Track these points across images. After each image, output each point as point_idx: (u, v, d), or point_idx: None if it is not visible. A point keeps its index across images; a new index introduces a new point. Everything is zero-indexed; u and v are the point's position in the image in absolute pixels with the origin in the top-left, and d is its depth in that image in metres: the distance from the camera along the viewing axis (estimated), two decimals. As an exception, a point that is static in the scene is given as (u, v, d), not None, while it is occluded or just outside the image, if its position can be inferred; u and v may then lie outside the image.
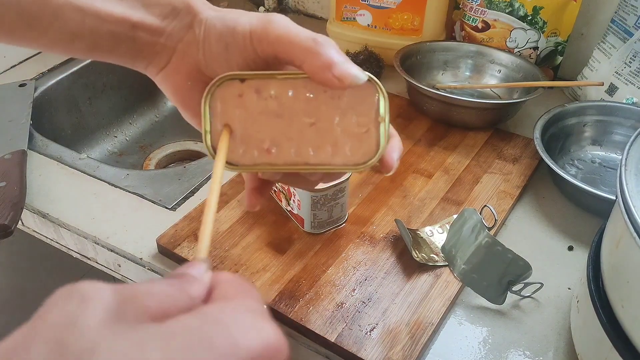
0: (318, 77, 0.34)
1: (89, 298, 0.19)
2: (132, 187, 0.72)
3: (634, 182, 0.42)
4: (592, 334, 0.47)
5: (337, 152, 0.36)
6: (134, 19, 0.37)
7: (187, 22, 0.38)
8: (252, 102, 0.36)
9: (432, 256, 0.61)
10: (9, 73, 0.94)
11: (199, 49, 0.38)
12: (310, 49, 0.33)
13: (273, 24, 0.35)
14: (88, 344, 0.18)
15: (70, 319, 0.18)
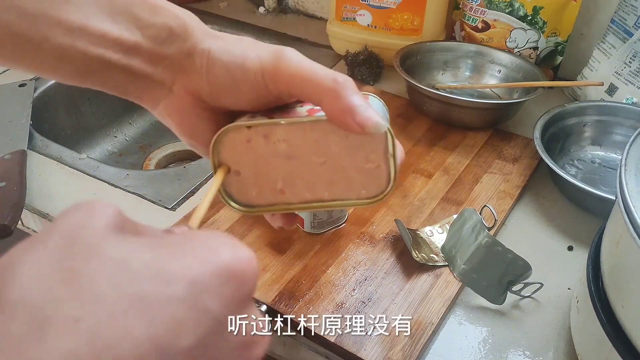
0: (337, 120, 0.33)
1: (97, 210, 0.23)
2: (132, 187, 0.72)
3: (634, 182, 0.42)
4: (592, 334, 0.47)
5: (350, 187, 0.36)
6: (129, 43, 0.34)
7: (186, 49, 0.36)
8: (261, 147, 0.36)
9: (432, 256, 0.61)
10: (9, 73, 0.94)
11: (202, 80, 0.36)
12: (331, 90, 0.32)
13: (285, 61, 0.34)
14: (94, 240, 0.22)
15: (82, 222, 0.23)
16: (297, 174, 0.36)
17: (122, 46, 0.34)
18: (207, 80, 0.36)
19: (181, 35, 0.35)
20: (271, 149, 0.36)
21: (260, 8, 1.14)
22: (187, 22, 0.36)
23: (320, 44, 1.02)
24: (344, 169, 0.36)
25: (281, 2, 1.15)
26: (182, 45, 0.36)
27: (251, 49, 0.35)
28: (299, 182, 0.37)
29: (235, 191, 0.38)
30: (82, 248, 0.22)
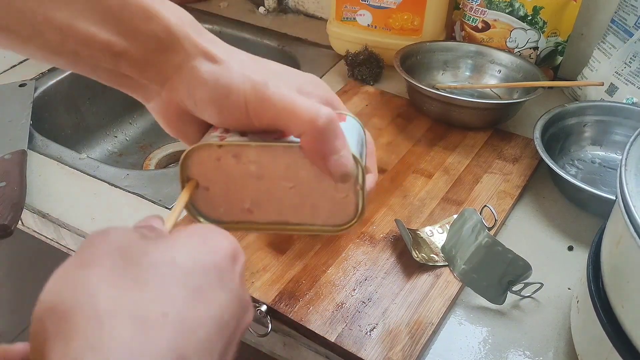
0: (311, 158, 0.34)
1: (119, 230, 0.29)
2: (132, 187, 0.72)
3: (634, 182, 0.42)
4: (592, 334, 0.47)
5: (316, 214, 0.37)
6: (117, 48, 0.34)
7: (174, 62, 0.36)
8: (231, 166, 0.36)
9: (432, 256, 0.61)
10: (9, 73, 0.94)
11: (188, 98, 0.36)
12: (310, 128, 0.33)
13: (269, 97, 0.34)
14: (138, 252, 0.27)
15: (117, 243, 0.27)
16: (265, 195, 0.37)
17: (110, 51, 0.34)
18: (193, 100, 0.36)
19: (169, 47, 0.35)
20: (241, 169, 0.36)
21: (260, 8, 1.14)
22: (178, 32, 0.35)
23: (320, 44, 1.02)
24: (312, 196, 0.36)
25: (281, 2, 1.15)
26: (171, 58, 0.35)
27: (238, 76, 0.35)
28: (266, 204, 0.37)
29: (203, 206, 0.38)
30: (134, 261, 0.26)
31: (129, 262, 0.26)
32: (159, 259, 0.27)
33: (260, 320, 0.56)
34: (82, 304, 0.24)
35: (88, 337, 0.23)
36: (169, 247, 0.28)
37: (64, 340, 0.23)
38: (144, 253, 0.27)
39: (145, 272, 0.26)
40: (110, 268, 0.26)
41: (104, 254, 0.26)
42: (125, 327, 0.23)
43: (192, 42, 0.35)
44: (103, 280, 0.25)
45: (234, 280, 0.29)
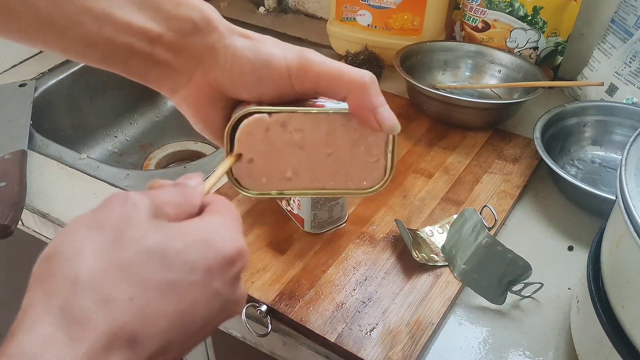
0: (359, 114, 0.37)
1: (136, 203, 0.30)
2: (132, 187, 0.72)
3: (634, 182, 0.42)
4: (592, 334, 0.47)
5: (350, 178, 0.39)
6: (153, 33, 0.36)
7: (209, 43, 0.37)
8: (278, 135, 0.37)
9: (432, 256, 0.61)
10: (9, 73, 0.94)
11: (224, 75, 0.38)
12: (359, 86, 0.36)
13: (311, 62, 0.36)
14: (139, 232, 0.28)
15: (126, 216, 0.29)
16: (305, 163, 0.38)
17: (146, 35, 0.36)
18: (230, 75, 0.38)
19: (204, 29, 0.37)
20: (286, 138, 0.38)
21: (260, 8, 1.14)
22: (210, 16, 0.37)
23: (320, 44, 1.02)
24: (347, 161, 0.38)
25: (281, 2, 1.15)
26: (205, 39, 0.37)
27: (276, 48, 0.37)
28: (306, 171, 0.39)
29: (245, 176, 0.39)
30: (131, 241, 0.28)
31: (124, 241, 0.28)
32: (150, 247, 0.28)
33: (260, 320, 0.56)
34: (66, 262, 0.27)
35: (53, 293, 0.26)
36: (168, 237, 0.29)
37: (39, 285, 0.27)
38: (142, 237, 0.28)
39: (134, 255, 0.28)
40: (106, 242, 0.28)
41: (110, 223, 0.29)
42: (87, 298, 0.26)
43: (224, 24, 0.38)
44: (94, 250, 0.27)
45: (223, 282, 0.30)
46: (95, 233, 0.28)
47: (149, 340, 0.27)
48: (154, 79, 0.39)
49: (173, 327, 0.28)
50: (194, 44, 0.37)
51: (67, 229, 0.29)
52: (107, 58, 0.37)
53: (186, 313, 0.29)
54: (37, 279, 0.27)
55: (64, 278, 0.26)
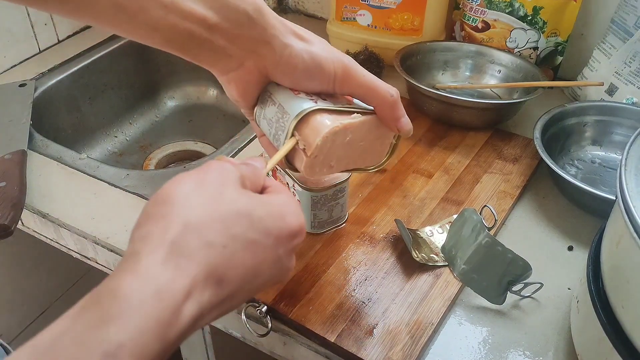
0: (385, 120, 0.47)
1: (230, 171, 0.37)
2: (132, 187, 0.72)
3: (634, 182, 0.42)
4: (592, 334, 0.47)
5: (369, 159, 0.50)
6: (212, 21, 0.41)
7: (264, 36, 0.42)
8: (341, 138, 0.45)
9: (432, 256, 0.61)
10: (9, 73, 0.94)
11: (277, 67, 0.44)
12: (387, 102, 0.46)
13: (354, 73, 0.45)
14: (233, 195, 0.36)
15: (223, 180, 0.36)
16: (346, 153, 0.47)
17: (205, 24, 0.41)
18: (283, 68, 0.44)
19: (258, 22, 0.42)
20: (344, 138, 0.46)
21: (260, 8, 1.14)
22: (262, 9, 0.42)
23: (320, 44, 1.02)
24: (370, 149, 0.49)
25: (281, 2, 1.15)
26: (260, 33, 0.42)
27: (326, 52, 0.44)
28: (344, 159, 0.48)
29: (297, 162, 0.47)
30: (227, 201, 0.35)
31: (223, 200, 0.35)
32: (241, 209, 0.35)
33: (260, 320, 0.56)
34: (178, 207, 0.34)
35: (167, 230, 0.33)
36: (253, 204, 0.36)
37: (154, 222, 0.33)
38: (236, 199, 0.36)
39: (229, 212, 0.35)
40: (210, 196, 0.35)
41: (211, 183, 0.36)
42: (195, 238, 0.33)
43: (276, 18, 0.43)
44: (200, 202, 0.34)
45: (285, 250, 0.38)
46: (200, 188, 0.35)
47: (229, 283, 0.34)
48: (207, 61, 0.44)
49: (245, 277, 0.35)
50: (248, 35, 0.42)
51: (176, 181, 0.36)
52: (169, 41, 0.41)
53: (256, 268, 0.36)
54: (151, 217, 0.34)
55: (177, 219, 0.33)
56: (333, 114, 0.45)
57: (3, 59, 0.93)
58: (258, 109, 0.49)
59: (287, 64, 0.44)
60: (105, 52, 0.99)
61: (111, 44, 1.01)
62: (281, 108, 0.46)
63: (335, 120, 0.44)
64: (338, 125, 0.44)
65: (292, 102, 0.45)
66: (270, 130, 0.48)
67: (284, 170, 0.61)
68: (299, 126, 0.45)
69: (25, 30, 0.94)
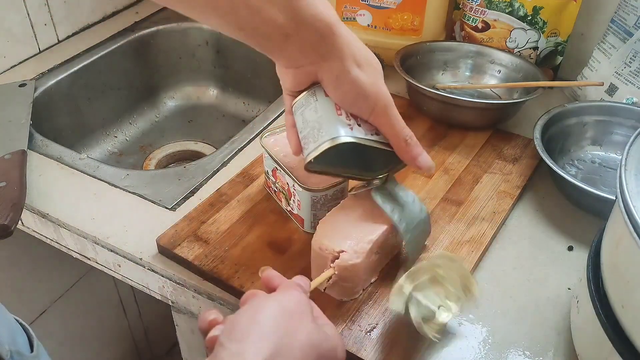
0: (404, 159, 0.53)
1: (305, 301, 0.44)
2: (132, 187, 0.72)
3: (634, 182, 0.42)
4: (592, 334, 0.47)
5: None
6: (288, 32, 0.46)
7: (327, 56, 0.48)
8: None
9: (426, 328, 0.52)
10: (9, 73, 0.94)
11: (329, 84, 0.50)
12: (403, 148, 0.52)
13: (387, 112, 0.51)
14: (302, 319, 0.42)
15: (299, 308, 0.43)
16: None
17: (282, 32, 0.46)
18: (333, 86, 0.50)
19: (328, 44, 0.47)
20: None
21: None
22: (335, 32, 0.47)
23: (320, 44, 1.02)
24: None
25: (281, 2, 1.15)
26: (326, 51, 0.47)
27: (374, 88, 0.50)
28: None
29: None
30: (306, 332, 0.41)
31: (302, 329, 0.41)
32: (315, 341, 0.41)
33: (260, 321, 0.56)
34: (265, 328, 0.39)
35: (258, 349, 0.38)
36: (321, 338, 0.42)
37: (245, 339, 0.38)
38: (311, 331, 0.41)
39: (306, 343, 0.40)
40: (284, 313, 0.41)
41: (295, 313, 0.42)
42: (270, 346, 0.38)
43: (346, 42, 0.48)
44: (286, 330, 0.40)
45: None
46: (284, 314, 0.41)
47: None
48: (274, 57, 0.50)
49: None
50: (316, 50, 0.47)
51: (262, 305, 0.41)
52: (248, 38, 0.47)
53: None
54: (244, 335, 0.38)
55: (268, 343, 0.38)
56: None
57: (3, 59, 0.93)
58: (299, 103, 0.53)
59: (338, 85, 0.49)
60: (105, 52, 0.99)
61: (111, 44, 1.01)
62: (320, 120, 0.51)
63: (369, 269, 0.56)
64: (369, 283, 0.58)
65: (332, 120, 0.50)
66: (303, 130, 0.52)
67: (284, 170, 0.61)
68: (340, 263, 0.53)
69: (25, 30, 0.94)
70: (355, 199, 0.59)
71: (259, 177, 0.71)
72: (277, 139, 0.66)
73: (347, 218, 0.58)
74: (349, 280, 0.55)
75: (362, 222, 0.57)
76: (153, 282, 0.65)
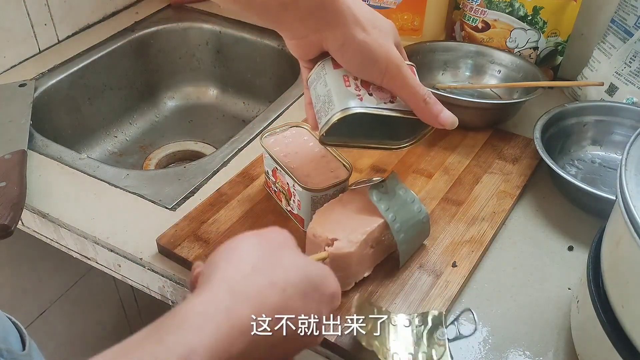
0: (425, 119, 0.51)
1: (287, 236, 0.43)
2: (132, 187, 0.72)
3: (634, 182, 0.42)
4: (592, 334, 0.47)
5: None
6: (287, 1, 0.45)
7: (330, 22, 0.47)
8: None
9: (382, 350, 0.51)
10: (9, 73, 0.94)
11: (335, 52, 0.49)
12: (421, 107, 0.50)
13: (400, 73, 0.49)
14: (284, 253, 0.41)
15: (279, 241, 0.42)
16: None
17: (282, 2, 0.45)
18: (340, 53, 0.49)
19: (329, 10, 0.46)
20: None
21: (260, 8, 1.14)
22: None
23: (320, 44, 1.02)
24: None
25: (281, 2, 1.14)
26: (328, 18, 0.47)
27: (383, 49, 0.48)
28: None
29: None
30: (287, 254, 0.41)
31: (282, 254, 0.40)
32: (299, 264, 0.40)
33: (260, 320, 0.56)
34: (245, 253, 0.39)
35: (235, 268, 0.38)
36: (307, 263, 0.41)
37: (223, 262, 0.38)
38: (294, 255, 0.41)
39: (289, 264, 0.40)
40: (274, 249, 0.40)
41: (266, 241, 0.41)
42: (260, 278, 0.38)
43: (348, 6, 0.47)
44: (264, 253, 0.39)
45: (322, 307, 0.41)
46: (264, 242, 0.41)
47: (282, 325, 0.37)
48: (276, 28, 0.50)
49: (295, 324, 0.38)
50: (317, 16, 0.46)
51: (242, 236, 0.41)
52: (245, 9, 0.48)
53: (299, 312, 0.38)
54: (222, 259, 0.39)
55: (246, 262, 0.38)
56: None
57: (3, 59, 0.93)
58: (311, 78, 0.53)
59: (344, 52, 0.48)
60: (105, 52, 0.99)
61: (111, 44, 1.01)
62: (329, 93, 0.51)
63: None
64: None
65: (341, 92, 0.50)
66: (316, 105, 0.53)
67: (284, 170, 0.61)
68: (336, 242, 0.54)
69: (25, 30, 0.94)
70: (355, 194, 0.59)
71: (259, 177, 0.71)
72: (277, 139, 0.66)
73: (344, 210, 0.57)
74: (341, 270, 0.54)
75: (358, 215, 0.57)
76: (153, 282, 0.65)
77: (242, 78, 1.09)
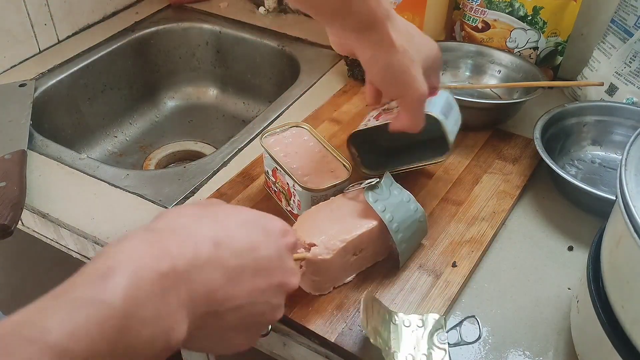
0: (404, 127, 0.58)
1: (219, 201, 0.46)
2: (132, 187, 0.72)
3: (634, 182, 0.42)
4: (592, 334, 0.47)
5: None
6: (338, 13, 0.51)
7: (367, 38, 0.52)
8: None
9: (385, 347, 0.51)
10: (9, 73, 0.94)
11: (362, 62, 0.54)
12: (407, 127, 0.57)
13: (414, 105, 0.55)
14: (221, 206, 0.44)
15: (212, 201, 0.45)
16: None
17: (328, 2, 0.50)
18: (365, 65, 0.54)
19: (369, 28, 0.51)
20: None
21: (260, 8, 1.14)
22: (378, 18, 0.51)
23: (320, 44, 1.02)
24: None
25: (281, 2, 1.15)
26: (362, 39, 0.52)
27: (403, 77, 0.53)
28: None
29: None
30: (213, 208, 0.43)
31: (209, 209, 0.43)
32: (230, 211, 0.43)
33: (260, 320, 0.56)
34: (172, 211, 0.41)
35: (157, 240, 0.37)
36: (239, 209, 0.44)
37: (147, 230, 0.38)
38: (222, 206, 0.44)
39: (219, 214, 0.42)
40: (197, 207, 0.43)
41: (200, 204, 0.44)
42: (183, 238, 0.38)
43: (385, 35, 0.51)
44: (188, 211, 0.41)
45: (277, 242, 0.43)
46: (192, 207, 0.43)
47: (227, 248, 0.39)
48: (322, 23, 0.54)
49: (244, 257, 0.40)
50: (357, 37, 0.52)
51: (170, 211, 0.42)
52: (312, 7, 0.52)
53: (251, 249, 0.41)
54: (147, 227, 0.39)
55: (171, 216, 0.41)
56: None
57: (3, 59, 0.93)
58: None
59: (368, 68, 0.54)
60: (105, 52, 1.00)
61: (111, 44, 1.01)
62: None
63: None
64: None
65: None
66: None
67: (284, 170, 0.61)
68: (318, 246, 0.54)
69: (25, 30, 0.94)
70: (345, 198, 0.59)
71: (259, 177, 0.71)
72: (277, 139, 0.66)
73: (329, 215, 0.57)
74: (318, 275, 0.54)
75: (342, 221, 0.56)
76: (153, 282, 0.65)
77: (242, 78, 1.09)
